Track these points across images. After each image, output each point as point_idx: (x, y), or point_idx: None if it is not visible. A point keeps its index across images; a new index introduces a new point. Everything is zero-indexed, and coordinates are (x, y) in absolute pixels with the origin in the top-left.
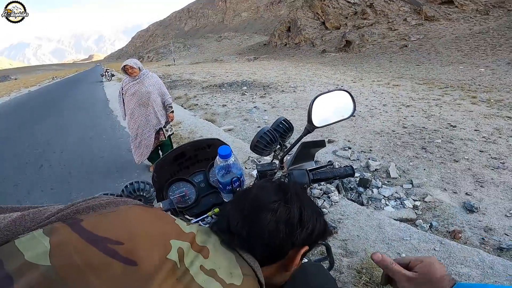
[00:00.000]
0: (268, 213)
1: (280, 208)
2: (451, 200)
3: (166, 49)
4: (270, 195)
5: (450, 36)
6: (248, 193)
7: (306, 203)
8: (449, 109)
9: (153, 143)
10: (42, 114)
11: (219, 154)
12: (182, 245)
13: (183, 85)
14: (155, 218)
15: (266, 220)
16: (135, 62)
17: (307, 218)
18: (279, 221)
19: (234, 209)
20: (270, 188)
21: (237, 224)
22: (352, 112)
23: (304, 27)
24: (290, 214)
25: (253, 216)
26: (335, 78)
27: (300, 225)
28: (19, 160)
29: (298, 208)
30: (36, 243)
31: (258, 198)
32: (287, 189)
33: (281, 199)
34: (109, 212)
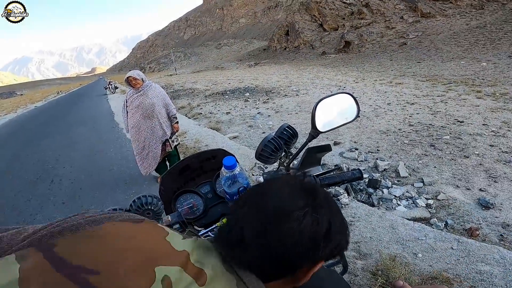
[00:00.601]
0: (293, 223)
1: (306, 218)
2: (465, 197)
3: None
4: (296, 199)
5: (448, 32)
6: (268, 195)
7: (335, 212)
8: (454, 105)
9: (160, 154)
10: (50, 129)
11: (224, 165)
12: (170, 272)
13: (186, 94)
14: (142, 235)
15: (289, 232)
16: (138, 73)
17: (335, 232)
18: (302, 234)
19: (250, 216)
20: (295, 188)
21: (252, 234)
22: (356, 114)
23: (302, 30)
24: (318, 226)
25: (274, 225)
26: (337, 80)
27: (326, 240)
28: (30, 176)
29: (327, 219)
30: (7, 270)
31: (282, 202)
32: (316, 193)
33: (308, 205)
34: (88, 233)
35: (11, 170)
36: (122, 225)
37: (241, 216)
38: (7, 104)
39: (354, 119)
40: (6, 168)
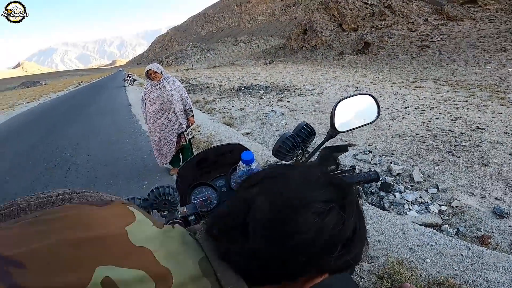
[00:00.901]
0: (311, 215)
1: (331, 214)
2: (479, 205)
3: (184, 54)
4: (320, 190)
5: (475, 36)
6: (288, 178)
7: (362, 220)
8: (476, 111)
9: (175, 146)
10: (70, 118)
11: (242, 159)
12: (116, 273)
13: (201, 89)
14: (100, 223)
15: (306, 226)
16: (158, 67)
17: (358, 241)
18: (321, 232)
19: (260, 198)
20: (323, 180)
21: (263, 222)
22: (377, 116)
23: (320, 30)
24: (342, 228)
25: (289, 214)
26: (354, 81)
27: (346, 246)
28: (49, 163)
29: (354, 223)
30: None
31: (304, 190)
32: (347, 191)
33: (335, 201)
34: (31, 219)
35: (31, 156)
36: (80, 209)
37: (251, 195)
38: (30, 92)
39: (374, 120)
40: (27, 154)
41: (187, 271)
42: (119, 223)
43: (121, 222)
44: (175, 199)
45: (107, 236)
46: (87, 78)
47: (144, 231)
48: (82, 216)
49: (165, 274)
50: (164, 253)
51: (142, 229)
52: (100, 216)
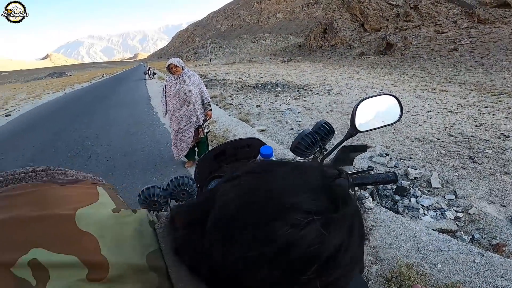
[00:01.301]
0: (285, 225)
1: (309, 227)
2: (498, 213)
3: (203, 49)
4: (309, 196)
5: (506, 40)
6: (271, 174)
7: (353, 240)
8: (502, 118)
9: (192, 139)
10: (92, 108)
11: (261, 153)
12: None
13: (218, 84)
14: (56, 202)
15: (276, 234)
16: (179, 61)
17: (338, 265)
18: (293, 246)
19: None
20: (315, 183)
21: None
22: (399, 118)
23: (341, 29)
24: (320, 246)
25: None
26: (374, 82)
27: (321, 269)
28: (71, 151)
29: (338, 243)
30: None
31: (285, 191)
32: (343, 203)
33: (320, 213)
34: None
35: (54, 144)
36: (40, 187)
37: (224, 190)
38: (57, 83)
39: (396, 122)
40: (51, 141)
41: (129, 262)
42: (74, 204)
43: (78, 203)
44: (193, 190)
45: (54, 216)
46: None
47: (96, 214)
48: (40, 194)
49: (101, 263)
50: (109, 241)
51: (95, 212)
52: (59, 195)
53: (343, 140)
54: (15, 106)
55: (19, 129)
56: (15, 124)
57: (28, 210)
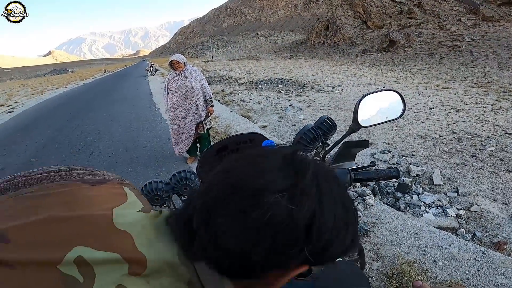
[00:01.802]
0: (254, 209)
1: (275, 206)
2: (500, 211)
3: (205, 46)
4: (268, 174)
5: (511, 37)
6: (236, 165)
7: (327, 203)
8: (506, 115)
9: (193, 135)
10: (95, 104)
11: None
12: (91, 254)
13: (220, 81)
14: (89, 202)
15: (246, 220)
16: (181, 58)
17: (320, 230)
18: (267, 227)
19: (208, 190)
20: (273, 161)
21: (201, 217)
22: (401, 113)
23: (343, 26)
24: (292, 219)
25: (229, 208)
26: (376, 79)
27: (305, 238)
28: (73, 147)
29: (309, 210)
30: None
31: (248, 178)
32: (301, 170)
33: (284, 189)
34: (26, 194)
35: (57, 140)
36: (72, 187)
37: (200, 191)
38: (59, 79)
39: (398, 117)
40: (53, 137)
41: (163, 258)
42: (108, 203)
43: (111, 202)
44: (196, 184)
45: (93, 216)
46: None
47: (130, 214)
48: (73, 194)
49: (140, 259)
50: (144, 239)
51: (128, 212)
52: (90, 195)
53: (345, 135)
54: (17, 102)
55: (22, 125)
56: (18, 120)
57: (64, 209)
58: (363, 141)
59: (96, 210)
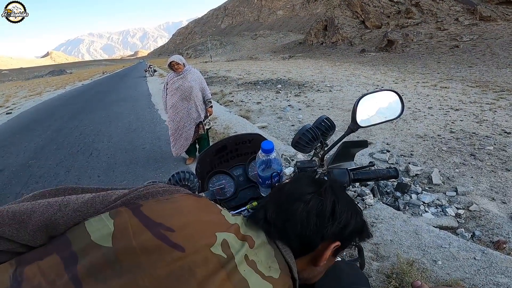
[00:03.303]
0: (300, 204)
1: (312, 200)
2: (499, 210)
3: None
4: (305, 187)
5: (509, 37)
6: (285, 186)
7: (341, 198)
8: (504, 114)
9: (192, 136)
10: (93, 106)
11: (262, 148)
12: (227, 236)
13: (219, 81)
14: (204, 208)
15: (298, 211)
16: (180, 58)
17: (340, 212)
18: (310, 212)
19: (271, 200)
20: (305, 180)
21: (272, 213)
22: (400, 113)
23: (342, 26)
24: (322, 206)
25: (287, 206)
26: (375, 79)
27: (332, 218)
28: (72, 148)
29: (331, 201)
30: (102, 225)
31: (293, 190)
32: (322, 183)
33: (315, 192)
34: (164, 199)
35: (55, 141)
36: (189, 197)
37: (265, 202)
38: (57, 81)
39: (397, 117)
40: (52, 138)
41: (260, 238)
42: (216, 209)
43: (217, 208)
44: (195, 185)
45: (214, 213)
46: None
47: (230, 215)
48: (193, 200)
49: (249, 238)
50: (244, 227)
51: (228, 214)
52: (202, 203)
53: (344, 135)
54: (16, 104)
55: (21, 127)
56: (16, 122)
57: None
58: (361, 141)
59: (213, 210)
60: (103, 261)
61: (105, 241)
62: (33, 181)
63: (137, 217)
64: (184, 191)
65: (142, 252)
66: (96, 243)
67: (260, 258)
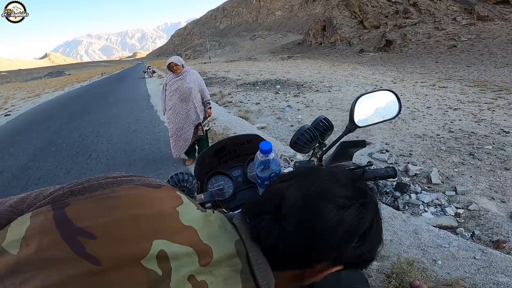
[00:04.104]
0: (332, 207)
1: (352, 208)
2: (498, 209)
3: (202, 47)
4: (344, 188)
5: (506, 36)
6: (318, 174)
7: (379, 220)
8: (502, 114)
9: (191, 137)
10: (92, 107)
11: (260, 149)
12: (168, 246)
13: (218, 82)
14: (155, 202)
15: (329, 215)
16: (179, 60)
17: (373, 236)
18: (342, 222)
19: (294, 188)
20: (344, 178)
21: (295, 206)
22: (397, 113)
23: (340, 26)
24: (360, 221)
25: (316, 203)
26: (374, 79)
27: (361, 238)
28: (71, 150)
29: (371, 218)
30: (19, 229)
31: (329, 185)
32: (368, 193)
33: (356, 198)
34: (102, 195)
35: (54, 143)
36: (138, 189)
37: (284, 187)
38: (56, 82)
39: (394, 116)
40: (51, 140)
41: (224, 250)
42: (171, 203)
43: (173, 203)
44: (193, 186)
45: (162, 213)
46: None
47: (190, 212)
48: (141, 195)
49: (207, 250)
50: (206, 234)
51: (188, 211)
52: (155, 196)
53: (342, 135)
54: (14, 105)
55: (19, 129)
56: (15, 124)
57: (138, 209)
58: (359, 141)
59: (164, 209)
60: (5, 270)
61: (13, 248)
62: (32, 182)
63: (55, 220)
64: (139, 181)
65: (52, 264)
66: (4, 248)
67: (217, 279)
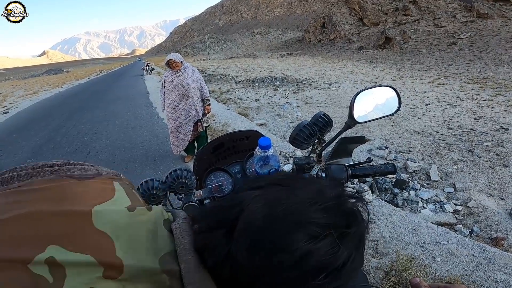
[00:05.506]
0: (305, 236)
1: (325, 240)
2: (497, 206)
3: (201, 44)
4: (324, 213)
5: (506, 34)
6: (297, 188)
7: (359, 255)
8: (501, 111)
9: (191, 134)
10: (91, 104)
11: (259, 145)
12: (62, 254)
13: (217, 79)
14: (74, 198)
15: (294, 244)
16: (178, 57)
17: (345, 274)
18: (308, 256)
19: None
20: (329, 200)
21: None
22: (397, 109)
23: (339, 23)
24: (333, 257)
25: (281, 225)
26: (373, 76)
27: (328, 277)
28: (70, 147)
29: (348, 255)
30: None
31: (306, 207)
32: (355, 221)
33: (336, 227)
34: (14, 189)
35: (53, 140)
36: (58, 181)
37: (248, 198)
38: (54, 80)
39: (394, 112)
40: (49, 137)
41: (143, 265)
42: (92, 200)
43: (95, 198)
44: (192, 182)
45: (71, 213)
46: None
47: (112, 212)
48: (58, 189)
49: (117, 264)
50: (124, 243)
51: (111, 210)
52: (76, 191)
53: (342, 131)
54: (13, 103)
55: (18, 126)
56: (13, 121)
57: (46, 205)
58: (359, 137)
59: (78, 207)
60: None
61: None
62: None
63: None
64: (66, 172)
65: None
66: None
67: None
